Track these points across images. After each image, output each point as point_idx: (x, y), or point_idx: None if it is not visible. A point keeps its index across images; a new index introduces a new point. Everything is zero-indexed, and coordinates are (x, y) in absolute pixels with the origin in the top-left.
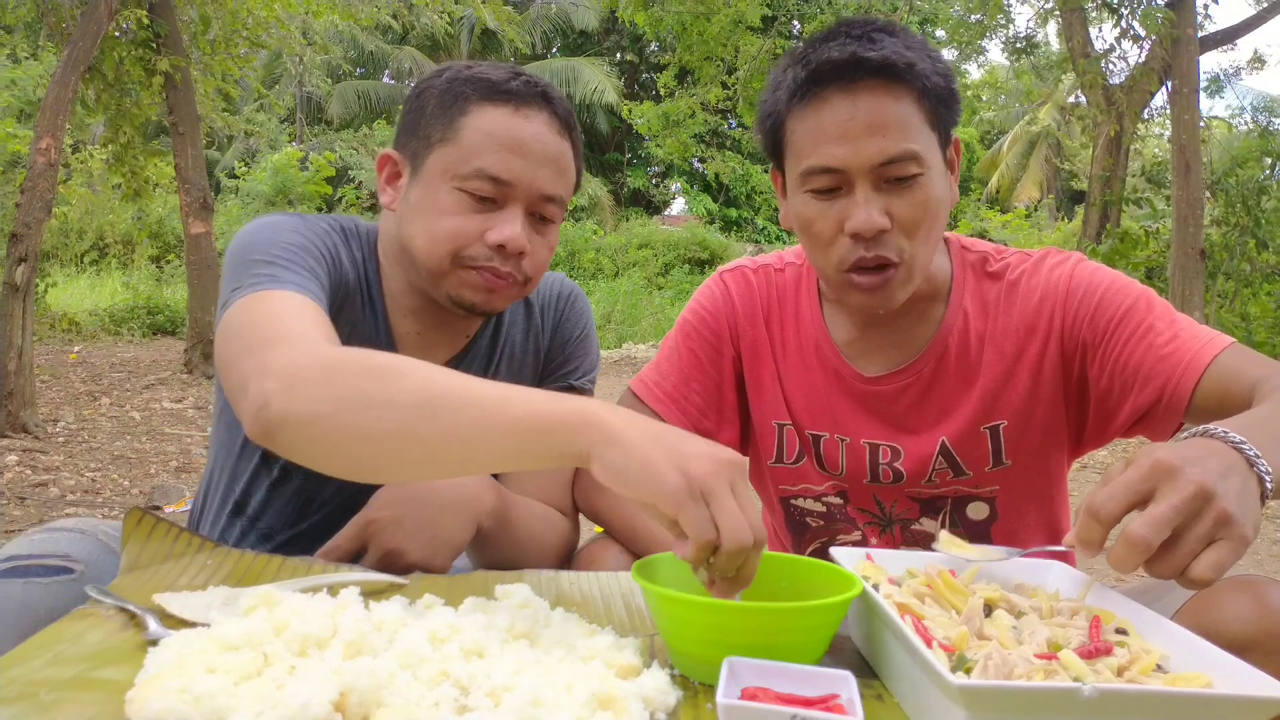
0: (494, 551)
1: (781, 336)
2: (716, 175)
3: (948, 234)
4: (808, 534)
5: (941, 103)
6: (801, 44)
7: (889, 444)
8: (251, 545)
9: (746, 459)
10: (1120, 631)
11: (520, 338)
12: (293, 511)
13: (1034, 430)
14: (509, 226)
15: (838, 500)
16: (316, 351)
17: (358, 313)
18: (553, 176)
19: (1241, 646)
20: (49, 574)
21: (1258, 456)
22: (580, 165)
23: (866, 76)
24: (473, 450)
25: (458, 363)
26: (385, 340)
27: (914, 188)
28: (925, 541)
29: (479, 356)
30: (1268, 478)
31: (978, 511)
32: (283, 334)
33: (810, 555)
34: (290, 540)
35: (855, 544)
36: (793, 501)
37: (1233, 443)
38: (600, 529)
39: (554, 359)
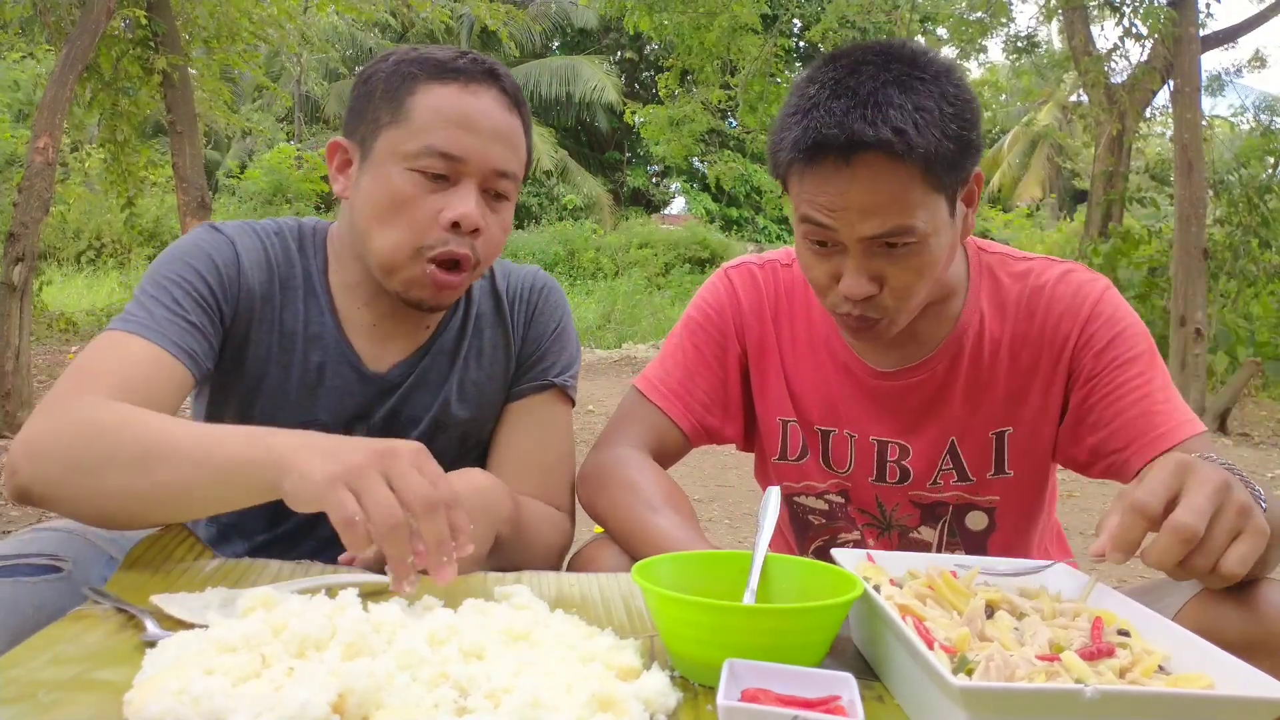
0: (504, 556)
1: (791, 332)
2: (717, 177)
3: (967, 239)
4: (810, 532)
5: (950, 168)
6: (812, 76)
7: (898, 441)
8: (230, 548)
9: (413, 445)
10: (1122, 633)
11: (490, 333)
12: (264, 516)
13: (1037, 443)
14: (463, 203)
15: (840, 499)
16: (66, 418)
17: (297, 307)
18: (505, 152)
19: (1243, 647)
20: (36, 573)
21: (1248, 480)
22: (531, 142)
23: (864, 151)
24: (187, 499)
25: (422, 355)
26: (332, 332)
27: (909, 253)
28: (922, 551)
29: (444, 351)
30: (1263, 501)
31: (977, 522)
32: (68, 393)
33: (812, 554)
34: (269, 543)
35: (855, 544)
36: (795, 499)
37: (1224, 464)
38: (600, 529)
39: (529, 357)
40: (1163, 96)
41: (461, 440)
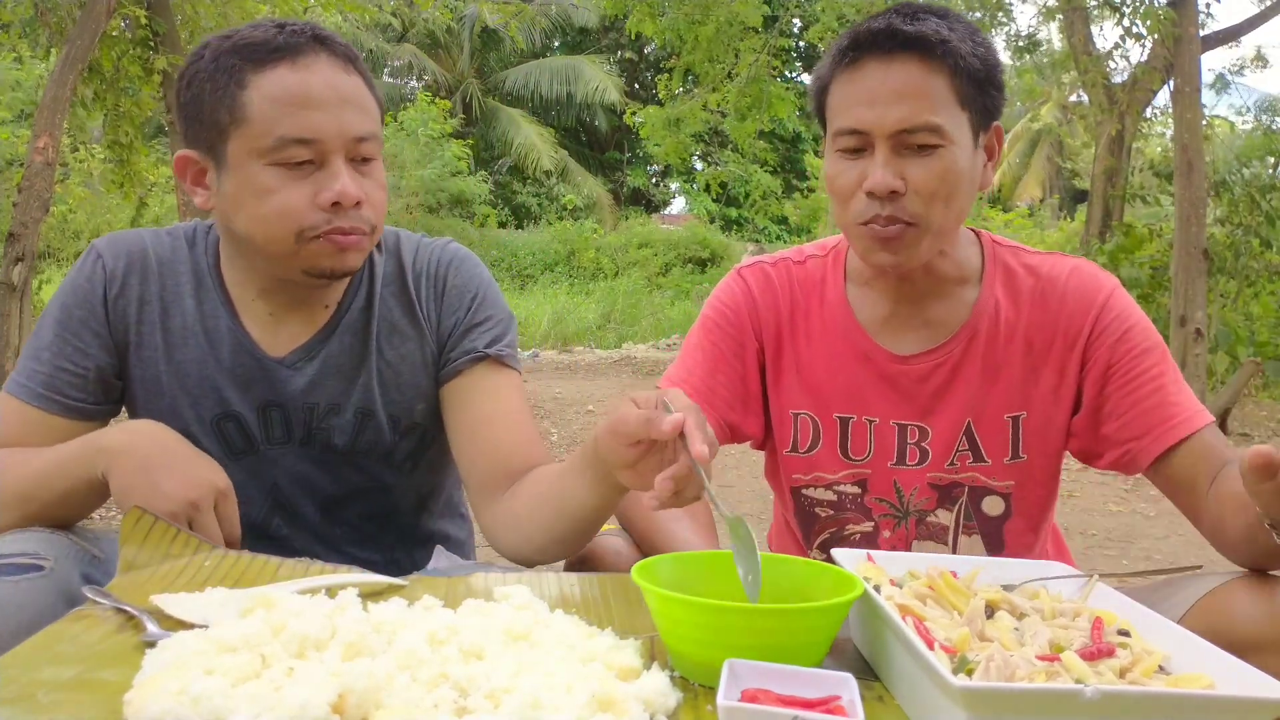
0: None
1: (806, 325)
2: (708, 181)
3: (980, 231)
4: (817, 525)
5: (975, 84)
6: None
7: (917, 424)
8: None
9: (219, 486)
10: (1122, 633)
11: (398, 309)
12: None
13: (1050, 429)
14: (336, 182)
15: (855, 489)
16: None
17: (184, 304)
18: (357, 116)
19: (1253, 646)
20: (19, 572)
21: None
22: (378, 94)
23: (901, 48)
24: (55, 502)
25: (326, 336)
26: (226, 322)
27: (932, 157)
28: (939, 536)
29: (352, 330)
30: None
31: (993, 506)
32: None
33: (818, 547)
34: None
35: (865, 535)
36: (803, 491)
37: None
38: (606, 525)
39: (450, 332)
40: (1163, 96)
41: (392, 425)
